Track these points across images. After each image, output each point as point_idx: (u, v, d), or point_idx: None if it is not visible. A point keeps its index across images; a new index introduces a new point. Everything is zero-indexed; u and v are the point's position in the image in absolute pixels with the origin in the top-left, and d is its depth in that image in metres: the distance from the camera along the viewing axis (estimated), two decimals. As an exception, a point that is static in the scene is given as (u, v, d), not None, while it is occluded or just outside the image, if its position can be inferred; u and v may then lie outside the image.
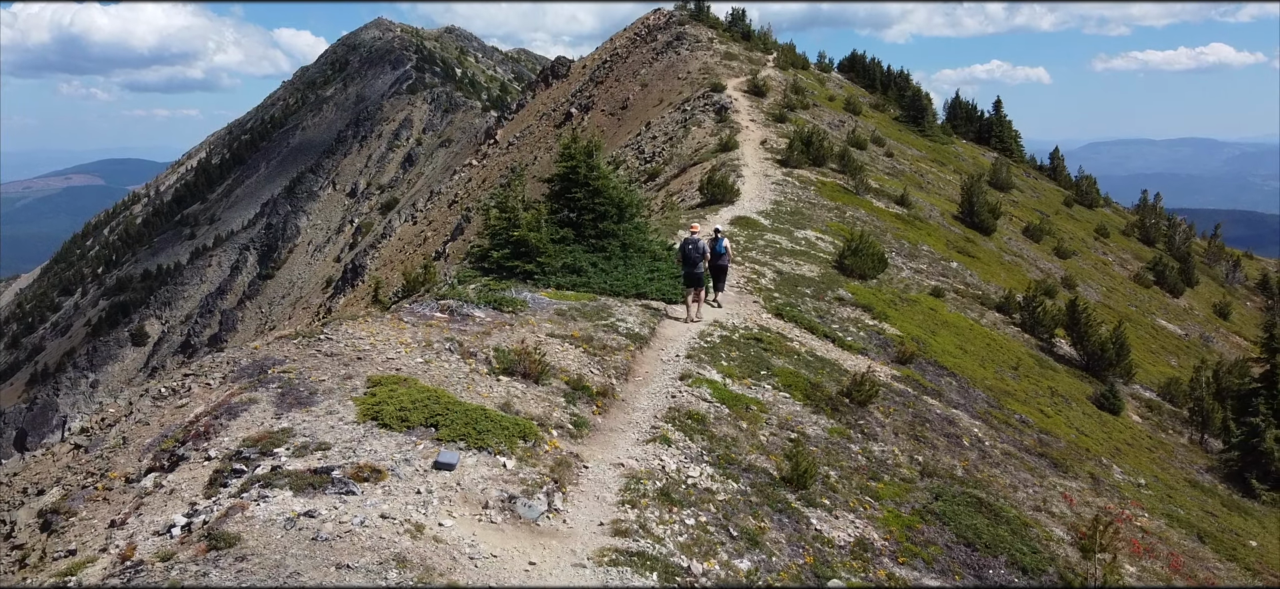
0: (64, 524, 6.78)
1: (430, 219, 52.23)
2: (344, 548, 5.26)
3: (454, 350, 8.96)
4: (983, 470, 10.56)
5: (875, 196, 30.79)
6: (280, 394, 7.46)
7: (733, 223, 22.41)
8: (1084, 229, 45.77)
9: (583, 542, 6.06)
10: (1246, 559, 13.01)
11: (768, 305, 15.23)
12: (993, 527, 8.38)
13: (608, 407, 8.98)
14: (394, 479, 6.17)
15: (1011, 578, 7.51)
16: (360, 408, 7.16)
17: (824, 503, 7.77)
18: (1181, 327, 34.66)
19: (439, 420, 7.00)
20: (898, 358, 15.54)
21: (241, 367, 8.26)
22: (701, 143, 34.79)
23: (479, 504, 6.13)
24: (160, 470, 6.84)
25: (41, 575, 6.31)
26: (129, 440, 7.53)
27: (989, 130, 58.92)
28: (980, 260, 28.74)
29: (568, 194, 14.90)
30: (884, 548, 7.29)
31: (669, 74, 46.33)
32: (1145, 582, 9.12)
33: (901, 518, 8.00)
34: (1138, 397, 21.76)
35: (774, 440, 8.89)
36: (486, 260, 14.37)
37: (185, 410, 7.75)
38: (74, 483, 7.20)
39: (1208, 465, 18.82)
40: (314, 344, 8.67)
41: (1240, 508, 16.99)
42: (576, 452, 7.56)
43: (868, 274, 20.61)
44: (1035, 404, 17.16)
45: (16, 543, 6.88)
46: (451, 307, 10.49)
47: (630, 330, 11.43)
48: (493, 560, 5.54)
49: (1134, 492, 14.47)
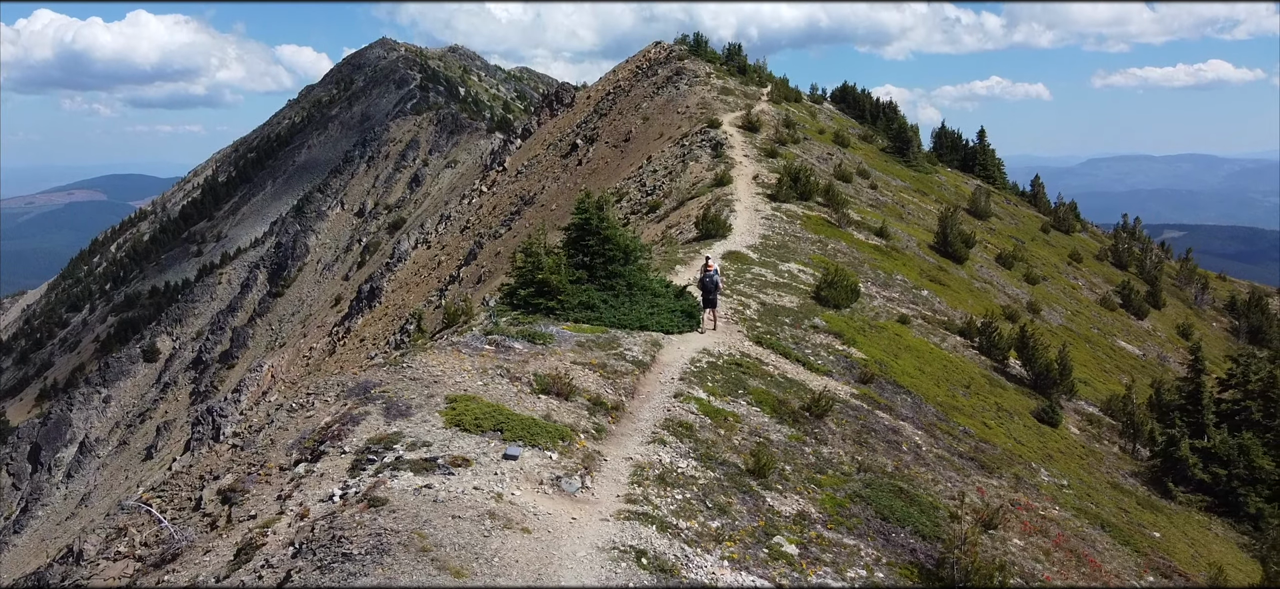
0: (241, 499, 9.67)
1: (444, 243, 55.22)
2: (454, 506, 8.15)
3: (504, 375, 11.87)
4: (912, 469, 13.45)
5: (856, 229, 33.74)
6: (386, 408, 10.34)
7: (725, 257, 25.30)
8: (1058, 254, 48.72)
9: (605, 506, 8.95)
10: (1140, 545, 15.85)
11: (750, 334, 18.15)
12: (906, 507, 11.27)
13: (619, 417, 11.88)
14: (478, 465, 9.06)
15: (912, 542, 10.39)
16: (445, 418, 10.04)
17: (777, 487, 10.66)
18: (1140, 347, 37.54)
19: (503, 426, 9.88)
20: (861, 378, 18.42)
21: (349, 388, 11.15)
22: (698, 177, 37.78)
23: (536, 482, 9.02)
24: (307, 461, 9.73)
25: (233, 534, 9.22)
26: (276, 441, 10.41)
27: (973, 158, 62.00)
28: (950, 288, 31.65)
29: (582, 241, 17.82)
30: (818, 518, 10.17)
31: (669, 108, 49.41)
32: (1028, 554, 11.99)
33: (835, 499, 10.88)
34: (1081, 411, 24.62)
35: (744, 443, 11.79)
36: (515, 297, 17.30)
37: (313, 419, 10.64)
38: (241, 471, 10.08)
39: (1133, 470, 21.64)
40: (401, 371, 11.56)
41: (1155, 506, 19.84)
42: (598, 449, 10.45)
43: (842, 304, 23.49)
44: (980, 418, 20.02)
45: (206, 513, 9.74)
46: (496, 340, 13.41)
47: (635, 358, 14.35)
48: (548, 515, 8.43)
49: (1055, 490, 17.30)
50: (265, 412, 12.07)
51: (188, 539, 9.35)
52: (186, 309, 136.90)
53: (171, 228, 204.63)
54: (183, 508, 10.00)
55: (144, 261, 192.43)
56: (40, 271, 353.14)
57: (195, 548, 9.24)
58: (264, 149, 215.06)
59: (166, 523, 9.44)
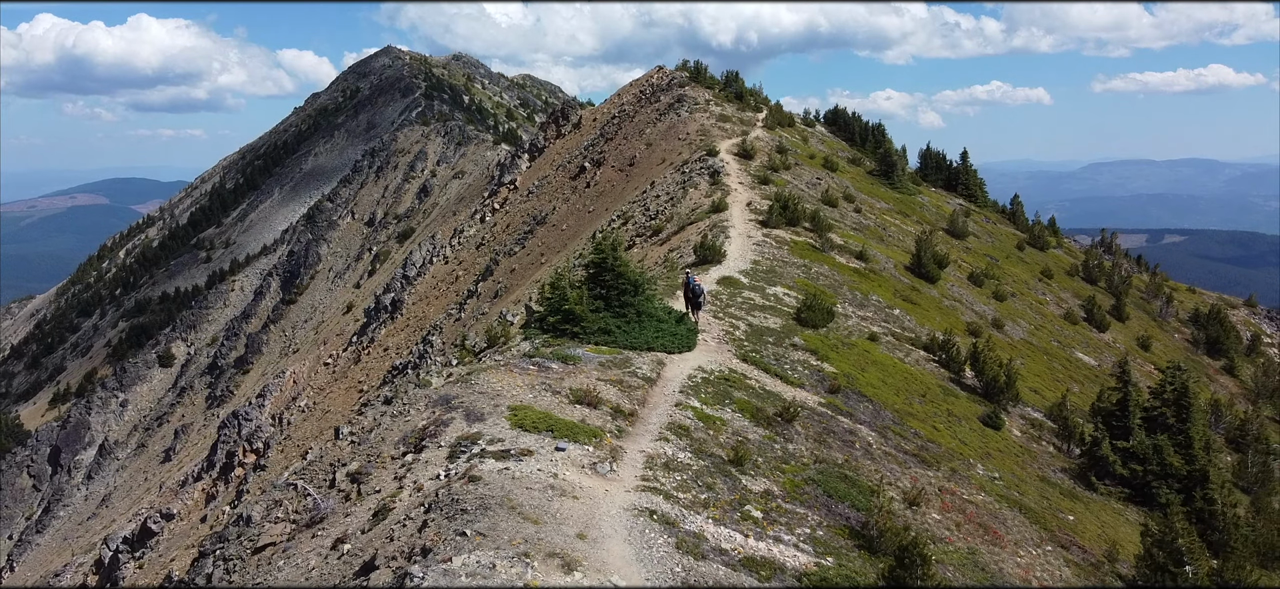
0: (366, 479, 13.53)
1: (460, 259, 59.13)
2: (526, 481, 12.01)
3: (547, 390, 15.73)
4: (860, 462, 17.32)
5: (838, 253, 37.61)
6: (465, 414, 14.19)
7: (719, 282, 29.12)
8: (1031, 271, 52.57)
9: (627, 483, 12.80)
10: (1049, 524, 19.66)
11: (737, 352, 22.01)
12: (847, 488, 15.12)
13: (634, 421, 15.73)
14: (538, 455, 12.90)
15: (848, 513, 14.24)
16: (510, 421, 13.89)
17: (750, 473, 14.52)
18: (1097, 358, 41.37)
19: (553, 428, 13.72)
20: (829, 389, 22.27)
21: (434, 399, 15.01)
22: (697, 204, 41.66)
23: (579, 466, 12.88)
24: (413, 452, 13.59)
25: (365, 503, 13.07)
26: (385, 437, 14.28)
27: (956, 178, 65.92)
28: (921, 306, 35.48)
29: (600, 276, 21.69)
30: (779, 494, 14.02)
31: (670, 135, 53.35)
32: (942, 525, 15.84)
33: (794, 482, 14.74)
34: (1026, 416, 28.45)
35: (728, 441, 15.65)
36: (545, 322, 21.18)
37: (411, 422, 14.51)
38: (363, 460, 13.94)
39: (1064, 467, 25.44)
40: (471, 386, 15.41)
41: (1077, 497, 23.67)
42: (620, 444, 14.31)
43: (819, 324, 27.33)
44: (931, 422, 23.84)
45: (340, 489, 13.59)
46: (538, 362, 17.27)
47: (644, 374, 18.22)
48: (588, 488, 12.28)
49: (986, 482, 21.13)
50: (374, 417, 15.92)
51: (330, 507, 13.23)
52: (200, 315, 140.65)
53: (180, 234, 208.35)
54: (321, 486, 13.85)
55: (153, 267, 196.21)
56: (42, 275, 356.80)
57: (336, 514, 13.12)
58: (271, 156, 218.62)
59: (314, 494, 13.30)
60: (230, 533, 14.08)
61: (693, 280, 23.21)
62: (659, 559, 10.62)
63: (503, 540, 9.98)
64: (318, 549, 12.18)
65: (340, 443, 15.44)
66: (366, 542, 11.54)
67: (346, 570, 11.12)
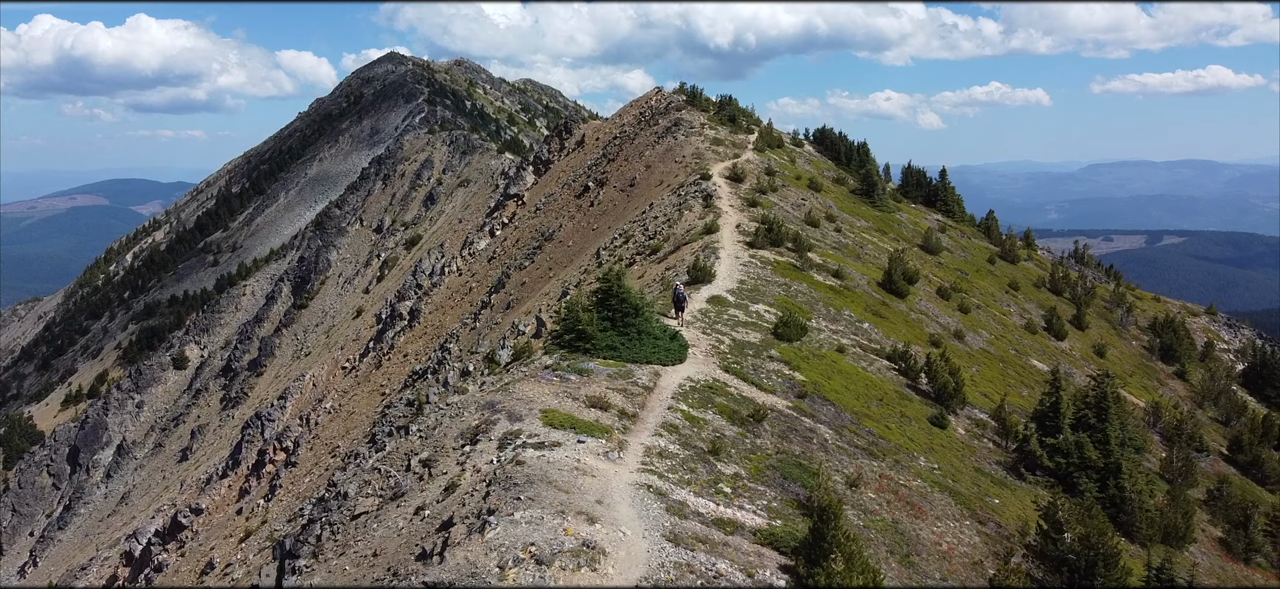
0: (434, 465, 18.00)
1: (473, 271, 63.66)
2: (558, 464, 16.46)
3: (568, 396, 20.19)
4: (815, 454, 21.81)
5: (817, 271, 42.09)
6: (508, 416, 18.64)
7: (708, 301, 33.56)
8: (998, 284, 57.06)
9: (630, 467, 17.25)
10: (972, 505, 24.07)
11: (721, 364, 26.49)
12: (800, 472, 19.60)
13: (635, 421, 20.19)
14: (565, 446, 17.34)
15: (798, 490, 18.71)
16: (543, 421, 18.33)
17: (725, 460, 18.99)
18: (1051, 365, 45.85)
19: (576, 426, 18.17)
20: (798, 394, 26.72)
21: (481, 403, 19.46)
22: (691, 225, 46.16)
23: (595, 454, 17.34)
24: (470, 444, 18.05)
25: (436, 482, 17.56)
26: (446, 433, 18.74)
27: (936, 195, 70.45)
28: (888, 320, 39.95)
29: (607, 301, 26.16)
30: (746, 476, 18.48)
31: (668, 157, 57.87)
32: (876, 502, 20.32)
33: (758, 468, 19.20)
34: (973, 417, 32.91)
35: (708, 436, 20.11)
36: (561, 339, 25.67)
37: (465, 421, 18.97)
38: (431, 450, 18.40)
39: (999, 460, 29.88)
40: (510, 394, 19.86)
41: (1007, 485, 28.11)
42: (625, 439, 18.77)
43: (794, 338, 31.77)
44: (885, 422, 28.27)
45: (414, 472, 18.04)
46: (560, 374, 21.74)
47: (644, 384, 22.70)
48: (602, 470, 16.74)
49: (925, 472, 25.55)
50: (434, 417, 20.39)
51: (409, 485, 17.70)
52: (213, 319, 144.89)
53: (187, 238, 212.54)
54: (400, 470, 18.31)
55: (161, 271, 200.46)
56: (43, 276, 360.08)
57: (414, 490, 17.61)
58: (276, 161, 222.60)
59: (396, 475, 17.76)
60: (331, 504, 18.52)
61: (680, 290, 29.85)
62: (654, 517, 15.09)
63: (545, 503, 14.45)
64: (403, 514, 16.65)
65: (411, 437, 19.92)
66: (442, 508, 15.99)
67: (429, 528, 15.57)
